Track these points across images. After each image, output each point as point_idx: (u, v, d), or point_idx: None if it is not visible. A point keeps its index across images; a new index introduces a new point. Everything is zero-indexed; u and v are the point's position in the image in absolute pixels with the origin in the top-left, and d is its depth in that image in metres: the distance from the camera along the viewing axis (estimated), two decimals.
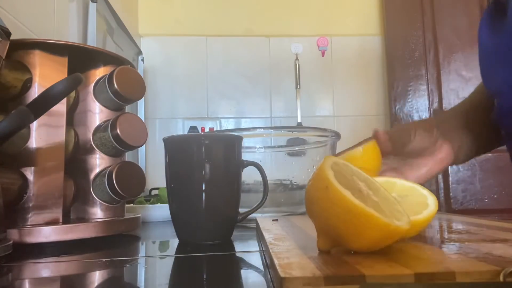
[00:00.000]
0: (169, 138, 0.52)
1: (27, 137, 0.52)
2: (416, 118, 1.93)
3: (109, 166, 0.58)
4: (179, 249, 0.49)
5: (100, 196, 0.58)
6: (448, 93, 1.92)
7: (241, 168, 0.53)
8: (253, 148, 0.72)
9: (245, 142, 0.71)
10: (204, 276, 0.35)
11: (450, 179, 1.85)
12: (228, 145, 0.51)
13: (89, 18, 1.14)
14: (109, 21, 1.37)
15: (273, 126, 1.89)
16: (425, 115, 1.92)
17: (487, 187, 1.81)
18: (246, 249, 0.48)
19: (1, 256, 0.40)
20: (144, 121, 0.76)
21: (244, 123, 1.95)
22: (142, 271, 0.38)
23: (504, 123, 0.61)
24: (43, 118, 0.49)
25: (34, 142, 0.52)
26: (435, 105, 1.93)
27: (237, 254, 0.44)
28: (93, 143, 0.59)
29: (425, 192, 0.38)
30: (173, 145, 0.52)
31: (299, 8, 2.00)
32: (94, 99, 0.60)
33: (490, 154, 1.69)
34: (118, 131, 0.56)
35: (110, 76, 0.57)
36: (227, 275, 0.34)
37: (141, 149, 1.75)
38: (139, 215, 0.63)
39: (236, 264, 0.39)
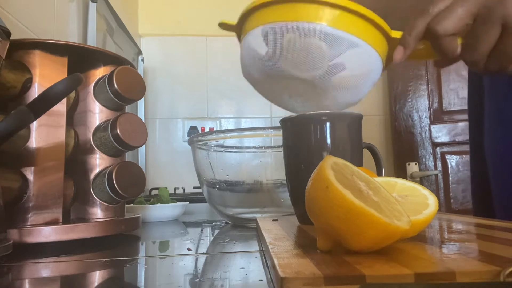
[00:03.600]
0: (295, 118, 0.51)
1: (27, 137, 0.52)
2: (416, 118, 1.93)
3: (109, 166, 0.58)
4: (178, 249, 0.49)
5: (100, 196, 0.58)
6: (448, 93, 1.92)
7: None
8: (253, 148, 0.72)
9: (245, 142, 0.71)
10: (204, 276, 0.35)
11: (450, 179, 1.85)
12: (352, 124, 0.51)
13: (89, 18, 1.14)
14: (109, 21, 1.37)
15: (273, 126, 1.89)
16: (425, 115, 1.92)
17: None
18: (246, 249, 0.48)
19: (1, 256, 0.40)
20: (144, 121, 0.76)
21: (244, 123, 1.95)
22: (142, 271, 0.38)
23: None
24: (43, 118, 0.49)
25: (34, 142, 0.52)
26: (435, 105, 1.93)
27: (237, 254, 0.44)
28: (93, 143, 0.59)
29: (425, 192, 0.38)
30: (297, 126, 0.50)
31: None
32: (94, 99, 0.60)
33: None
34: (118, 131, 0.56)
35: (110, 76, 0.57)
36: (227, 275, 0.34)
37: (141, 149, 1.75)
38: (139, 215, 0.63)
39: (236, 264, 0.39)
